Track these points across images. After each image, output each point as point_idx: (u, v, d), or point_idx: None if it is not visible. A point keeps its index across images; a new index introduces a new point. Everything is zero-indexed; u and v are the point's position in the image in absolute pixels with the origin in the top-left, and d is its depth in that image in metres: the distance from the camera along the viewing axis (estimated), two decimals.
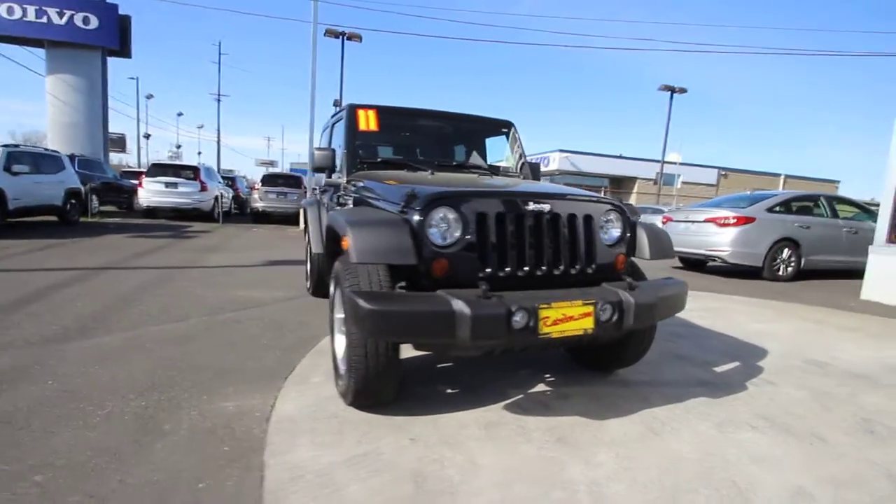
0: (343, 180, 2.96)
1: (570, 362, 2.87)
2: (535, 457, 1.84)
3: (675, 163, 36.14)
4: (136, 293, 4.13)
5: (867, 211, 7.70)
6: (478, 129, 3.56)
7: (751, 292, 5.78)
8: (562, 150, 32.35)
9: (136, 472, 1.64)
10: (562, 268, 2.11)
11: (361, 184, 2.73)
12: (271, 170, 29.57)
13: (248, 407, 2.15)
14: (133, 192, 12.44)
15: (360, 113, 3.12)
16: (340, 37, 16.78)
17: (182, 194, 10.83)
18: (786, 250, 6.90)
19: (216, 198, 11.85)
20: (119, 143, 27.11)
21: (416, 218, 1.94)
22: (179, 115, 54.09)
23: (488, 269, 1.99)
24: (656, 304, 2.08)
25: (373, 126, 3.10)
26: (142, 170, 14.84)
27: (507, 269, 2.02)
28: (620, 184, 35.42)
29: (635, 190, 35.67)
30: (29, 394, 2.14)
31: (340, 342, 2.37)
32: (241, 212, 15.77)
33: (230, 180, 15.13)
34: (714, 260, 7.07)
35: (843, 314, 4.72)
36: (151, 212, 11.10)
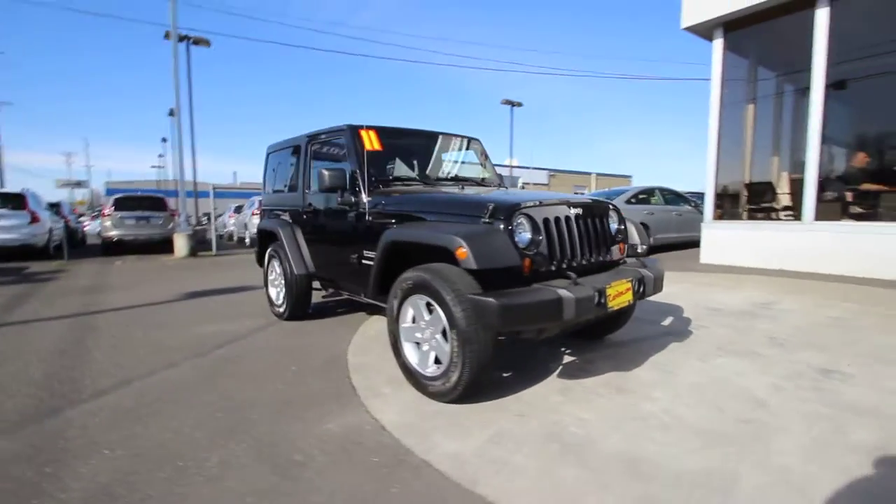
0: (363, 198, 3.05)
1: (568, 338, 3.46)
2: (613, 404, 2.35)
3: (518, 166, 40.96)
4: (71, 348, 3.44)
5: (684, 198, 10.19)
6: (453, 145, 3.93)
7: None
8: None
9: (313, 499, 1.66)
10: (595, 256, 2.67)
11: (396, 199, 2.90)
12: (122, 193, 24.47)
13: (352, 424, 2.20)
14: None
15: (363, 133, 3.23)
16: (186, 41, 15.05)
17: (6, 229, 8.53)
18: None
19: (50, 230, 9.65)
20: None
21: (504, 226, 2.28)
22: None
23: (555, 262, 2.44)
24: (660, 277, 2.78)
25: (376, 146, 3.25)
26: None
27: (566, 260, 2.49)
28: None
29: None
30: (96, 468, 1.85)
31: (411, 350, 2.55)
32: (70, 244, 12.96)
33: (55, 207, 12.29)
34: None
35: (699, 274, 6.35)
36: None
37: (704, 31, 7.08)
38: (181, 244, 10.01)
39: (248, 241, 12.71)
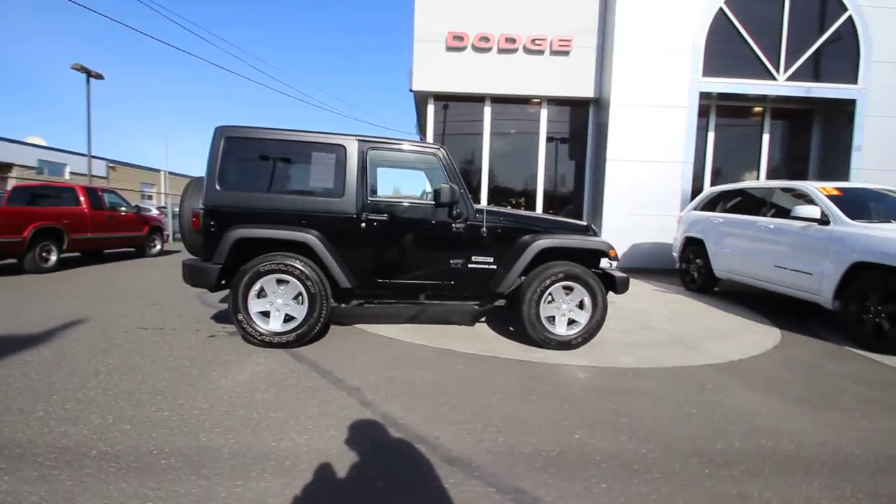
0: (476, 214, 3.61)
1: None
2: (629, 323, 4.51)
3: (62, 150, 30.91)
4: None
5: None
6: None
7: None
8: None
9: (637, 401, 2.97)
10: None
11: (509, 218, 3.76)
12: None
13: (579, 369, 3.28)
14: None
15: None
16: None
17: None
18: None
19: None
20: None
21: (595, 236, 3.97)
22: None
23: None
24: None
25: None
26: None
27: None
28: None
29: (13, 175, 28.13)
30: None
31: (547, 323, 3.73)
32: None
33: None
34: None
35: None
36: None
37: (422, 98, 9.88)
38: None
39: None
